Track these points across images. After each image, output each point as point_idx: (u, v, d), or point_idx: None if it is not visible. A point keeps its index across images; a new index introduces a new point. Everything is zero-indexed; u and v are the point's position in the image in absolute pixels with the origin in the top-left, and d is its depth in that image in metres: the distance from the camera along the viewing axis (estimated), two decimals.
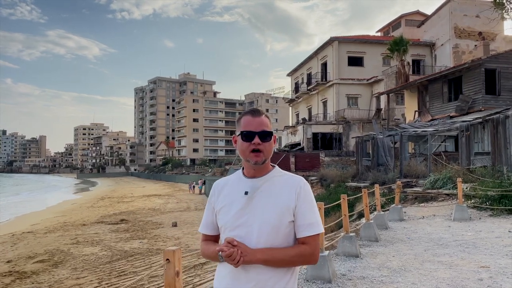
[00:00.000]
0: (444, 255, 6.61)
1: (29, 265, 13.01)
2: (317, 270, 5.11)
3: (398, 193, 11.21)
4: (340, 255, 6.55)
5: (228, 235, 1.68)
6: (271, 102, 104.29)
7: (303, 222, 1.65)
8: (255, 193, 1.68)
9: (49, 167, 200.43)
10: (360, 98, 35.82)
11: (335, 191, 19.33)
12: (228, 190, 1.76)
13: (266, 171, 1.74)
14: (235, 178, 1.79)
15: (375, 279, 5.33)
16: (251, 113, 1.75)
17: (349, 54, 36.00)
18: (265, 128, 1.70)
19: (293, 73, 47.06)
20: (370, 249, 7.19)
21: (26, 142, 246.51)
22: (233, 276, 1.63)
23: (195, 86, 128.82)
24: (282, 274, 1.63)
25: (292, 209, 1.65)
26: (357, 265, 6.07)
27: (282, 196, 1.66)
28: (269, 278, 1.61)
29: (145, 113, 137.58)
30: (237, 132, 1.75)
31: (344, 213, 6.58)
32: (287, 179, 1.73)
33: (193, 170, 79.59)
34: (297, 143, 34.48)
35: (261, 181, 1.70)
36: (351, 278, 5.37)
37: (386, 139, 20.69)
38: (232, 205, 1.70)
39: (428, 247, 7.34)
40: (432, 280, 5.25)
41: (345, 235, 6.57)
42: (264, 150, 1.68)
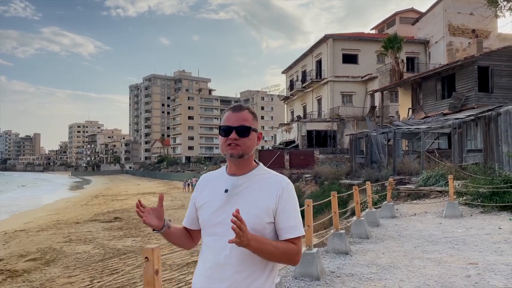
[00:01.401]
0: (433, 252, 6.63)
1: (21, 264, 12.93)
2: (305, 268, 5.11)
3: (390, 190, 11.24)
4: (330, 252, 6.55)
5: (207, 232, 1.66)
6: (267, 100, 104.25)
7: (286, 225, 1.61)
8: (234, 191, 1.64)
9: (43, 165, 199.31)
10: (355, 95, 35.88)
11: (329, 188, 19.35)
12: (210, 187, 1.73)
13: (249, 168, 1.69)
14: (218, 175, 1.76)
15: (363, 276, 5.33)
16: (232, 109, 1.72)
17: (344, 51, 36.02)
18: (244, 123, 1.66)
19: (288, 70, 47.04)
20: (360, 246, 7.20)
21: (20, 140, 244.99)
22: (209, 274, 1.60)
23: (190, 83, 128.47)
24: (259, 273, 1.59)
25: (272, 211, 1.61)
26: (346, 262, 6.08)
27: (263, 197, 1.62)
28: (245, 277, 1.56)
29: (140, 111, 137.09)
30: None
31: (334, 211, 6.58)
32: (270, 179, 1.67)
33: (188, 167, 79.46)
34: (292, 141, 34.50)
35: (242, 180, 1.67)
36: (340, 275, 5.38)
37: (379, 136, 20.74)
38: (212, 203, 1.67)
39: (418, 244, 7.36)
40: (420, 277, 5.26)
41: (335, 232, 6.57)
42: (242, 144, 1.64)
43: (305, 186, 23.43)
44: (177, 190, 44.77)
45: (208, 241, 1.65)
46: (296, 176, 26.35)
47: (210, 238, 1.64)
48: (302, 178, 24.95)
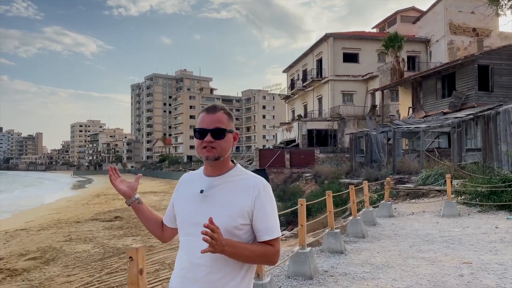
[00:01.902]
0: (428, 251, 6.64)
1: (21, 263, 12.99)
2: (298, 267, 5.13)
3: (387, 189, 11.24)
4: (325, 251, 6.57)
5: (183, 232, 1.67)
6: (268, 99, 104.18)
7: (263, 226, 1.60)
8: (209, 192, 1.64)
9: (45, 164, 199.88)
10: (355, 94, 35.84)
11: (329, 187, 19.34)
12: (188, 187, 1.73)
13: (225, 169, 1.68)
14: (197, 175, 1.75)
15: (356, 275, 5.35)
16: (206, 110, 1.69)
17: (344, 50, 35.98)
18: (219, 125, 1.64)
19: (288, 69, 47.03)
20: (356, 245, 7.21)
21: (22, 139, 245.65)
22: (182, 275, 1.60)
23: (191, 82, 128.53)
24: (233, 274, 1.57)
25: (248, 212, 1.59)
26: (340, 261, 6.10)
27: (238, 198, 1.60)
28: (218, 278, 1.55)
29: (141, 110, 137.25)
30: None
31: (329, 210, 6.60)
32: (246, 180, 1.65)
33: (190, 167, 79.52)
34: (292, 140, 34.50)
35: (218, 181, 1.65)
36: (333, 275, 5.39)
37: (379, 135, 20.74)
38: (188, 203, 1.67)
39: (414, 243, 7.37)
40: (413, 276, 5.28)
41: (329, 232, 6.59)
42: (217, 147, 1.62)
43: (305, 185, 23.44)
44: None
45: (184, 241, 1.64)
46: (297, 175, 26.38)
47: (185, 238, 1.63)
48: (303, 177, 24.96)
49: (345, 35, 36.88)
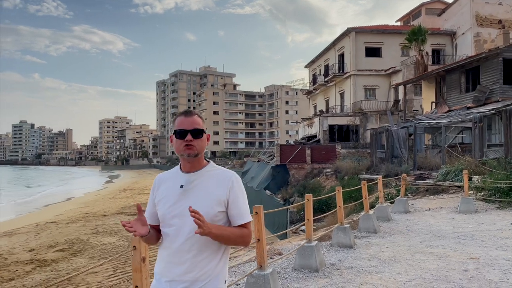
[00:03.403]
0: (438, 247, 6.71)
1: (50, 254, 13.69)
2: (305, 260, 5.33)
3: (403, 185, 11.24)
4: (334, 245, 6.74)
5: (166, 224, 1.87)
6: (291, 94, 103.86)
7: (237, 212, 1.87)
8: (189, 186, 1.86)
9: (75, 159, 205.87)
10: (378, 89, 35.41)
11: (348, 183, 19.35)
12: (167, 184, 1.93)
13: (201, 166, 1.92)
14: (173, 173, 1.96)
15: (362, 269, 5.51)
16: (184, 114, 1.92)
17: (367, 44, 35.55)
18: (197, 126, 1.88)
19: (310, 64, 46.83)
20: (366, 240, 7.34)
21: (53, 135, 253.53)
22: (168, 260, 1.84)
23: (215, 79, 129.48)
24: (213, 256, 1.83)
25: (224, 201, 1.85)
26: (349, 255, 6.26)
27: (215, 189, 1.84)
28: (201, 259, 1.80)
29: (166, 106, 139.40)
30: (172, 131, 1.94)
31: (339, 205, 6.75)
32: (220, 174, 1.91)
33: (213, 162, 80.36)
34: (314, 135, 34.46)
35: (195, 176, 1.89)
36: (339, 268, 5.57)
37: (401, 131, 20.52)
38: (169, 198, 1.88)
39: (425, 238, 7.44)
40: (418, 270, 5.39)
41: (339, 227, 6.75)
42: (196, 145, 1.86)
43: (326, 181, 23.47)
44: None
45: (168, 231, 1.87)
46: (317, 171, 26.41)
47: (169, 229, 1.86)
48: (323, 173, 24.98)
49: (368, 29, 36.42)
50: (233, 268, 5.73)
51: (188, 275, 1.80)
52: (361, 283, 4.90)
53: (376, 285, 4.81)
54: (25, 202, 34.90)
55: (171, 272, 1.83)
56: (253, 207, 4.00)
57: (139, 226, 1.81)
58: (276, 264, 5.73)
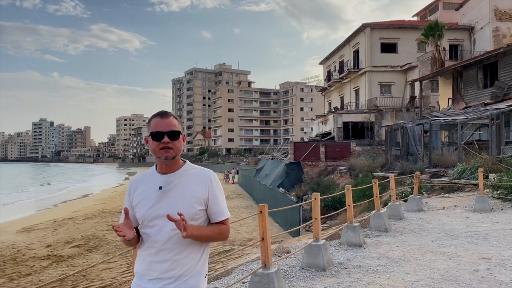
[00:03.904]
0: (449, 246, 6.61)
1: (66, 250, 13.99)
2: (312, 259, 5.32)
3: (417, 183, 11.10)
4: (343, 244, 6.70)
5: (146, 225, 1.89)
6: (306, 91, 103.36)
7: (216, 210, 1.93)
8: (168, 187, 1.88)
9: (93, 156, 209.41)
10: (394, 85, 34.95)
11: (362, 181, 19.20)
12: (144, 186, 1.94)
13: (177, 166, 1.94)
14: (149, 175, 1.97)
15: (370, 268, 5.47)
16: (160, 115, 1.93)
17: (382, 40, 35.09)
18: (173, 128, 1.90)
19: (325, 61, 46.50)
20: (376, 239, 7.28)
21: (72, 133, 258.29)
22: (150, 259, 1.87)
23: (230, 76, 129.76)
24: (195, 253, 1.88)
25: (203, 200, 1.89)
26: (358, 254, 6.21)
27: (194, 189, 1.88)
28: (183, 257, 1.85)
29: (182, 104, 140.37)
30: (147, 133, 1.94)
31: (348, 204, 6.70)
32: (198, 173, 1.94)
33: (228, 159, 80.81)
34: (328, 133, 34.24)
35: (173, 176, 1.91)
36: (347, 267, 5.54)
37: (416, 128, 20.24)
38: (148, 199, 1.89)
39: (437, 238, 7.33)
40: (427, 270, 5.33)
41: (348, 225, 6.71)
42: (174, 147, 1.88)
43: (340, 179, 23.32)
44: None
45: (149, 232, 1.89)
46: (331, 168, 26.26)
47: (151, 230, 1.89)
48: (337, 170, 24.83)
49: (383, 24, 35.93)
50: (241, 266, 5.77)
51: (172, 272, 1.84)
52: (368, 282, 4.87)
53: (384, 285, 4.77)
54: (45, 199, 35.71)
55: (155, 270, 1.86)
56: (258, 206, 4.01)
57: (127, 230, 1.83)
58: (284, 262, 5.73)
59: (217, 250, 13.05)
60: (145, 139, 1.99)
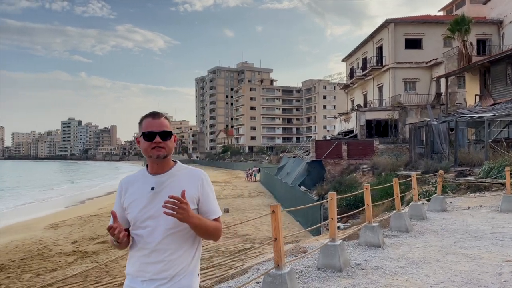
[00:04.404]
0: (472, 248, 6.42)
1: (91, 246, 14.34)
2: (328, 259, 5.26)
3: (440, 182, 10.83)
4: (362, 244, 6.60)
5: (138, 226, 1.88)
6: (329, 88, 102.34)
7: (209, 208, 1.93)
8: (160, 187, 1.88)
9: (119, 154, 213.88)
10: (419, 82, 34.18)
11: (385, 180, 18.87)
12: (135, 187, 1.94)
13: (169, 167, 1.94)
14: (140, 176, 1.97)
15: (388, 270, 5.36)
16: (151, 116, 1.93)
17: (406, 36, 34.35)
18: (165, 128, 1.91)
19: (348, 58, 45.92)
20: (396, 240, 7.14)
21: (99, 132, 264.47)
22: (143, 260, 1.86)
23: (252, 74, 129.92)
24: (187, 254, 1.89)
25: (196, 199, 1.90)
26: (376, 255, 6.10)
27: (186, 188, 1.84)
28: (177, 257, 1.86)
29: (205, 103, 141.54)
30: (139, 133, 1.94)
31: (367, 203, 6.59)
32: (189, 173, 1.95)
33: (251, 157, 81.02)
34: (351, 130, 33.83)
35: (165, 177, 1.91)
36: (365, 268, 5.45)
37: (441, 125, 19.72)
38: (140, 201, 1.89)
39: (460, 239, 7.13)
40: (448, 272, 5.18)
41: (367, 225, 6.60)
42: (165, 147, 1.89)
43: (362, 177, 23.00)
44: (239, 180, 45.96)
45: (141, 233, 1.88)
46: (354, 167, 25.93)
47: (143, 231, 1.88)
48: (360, 169, 24.50)
49: (408, 20, 35.17)
50: (257, 265, 5.76)
51: (165, 273, 1.85)
52: (386, 284, 4.78)
53: (401, 287, 4.67)
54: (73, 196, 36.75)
55: (148, 271, 1.86)
56: (270, 205, 3.99)
57: (123, 232, 1.83)
58: (300, 262, 5.69)
59: (237, 248, 13.10)
60: (136, 139, 1.98)
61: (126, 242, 1.92)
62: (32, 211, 26.08)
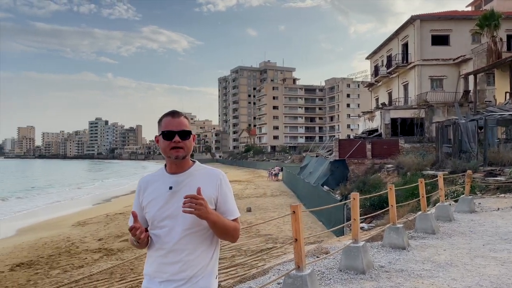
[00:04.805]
0: (502, 251, 6.19)
1: (116, 243, 14.59)
2: (351, 261, 5.17)
3: (468, 183, 10.50)
4: (386, 246, 6.46)
5: (156, 226, 1.87)
6: (353, 87, 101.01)
7: (227, 208, 1.91)
8: (178, 187, 1.87)
9: (144, 154, 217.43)
10: (446, 79, 33.28)
11: (411, 180, 18.46)
12: (153, 186, 1.93)
13: (187, 166, 1.93)
14: (159, 175, 1.97)
15: (413, 273, 5.22)
16: (171, 115, 1.92)
17: (433, 32, 33.49)
18: (185, 127, 1.90)
19: (372, 56, 45.18)
20: (422, 242, 6.95)
21: (125, 131, 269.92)
22: (161, 261, 1.85)
23: (275, 73, 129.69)
24: (205, 253, 1.88)
25: (214, 199, 1.88)
26: (401, 257, 5.96)
27: (205, 188, 1.83)
28: (195, 257, 1.85)
29: (228, 102, 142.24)
30: (158, 132, 1.92)
31: (391, 204, 6.44)
32: (207, 173, 1.94)
33: (273, 157, 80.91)
34: (375, 129, 33.26)
35: (183, 176, 1.90)
36: (389, 270, 5.32)
37: (470, 124, 19.15)
38: (158, 200, 1.88)
39: (489, 241, 6.89)
40: (476, 276, 5.01)
41: (391, 226, 6.45)
42: (184, 147, 1.88)
43: (387, 177, 22.58)
44: (261, 179, 45.95)
45: (159, 233, 1.87)
46: (378, 167, 25.49)
47: (161, 230, 1.87)
48: (384, 169, 24.06)
49: (434, 16, 34.30)
50: (278, 266, 5.72)
51: (183, 274, 1.83)
52: None
53: None
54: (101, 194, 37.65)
55: (165, 272, 1.85)
56: (291, 206, 3.94)
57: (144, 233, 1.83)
58: (322, 263, 5.62)
59: (259, 248, 13.08)
60: (156, 138, 1.97)
61: (146, 241, 1.91)
62: (60, 209, 26.84)
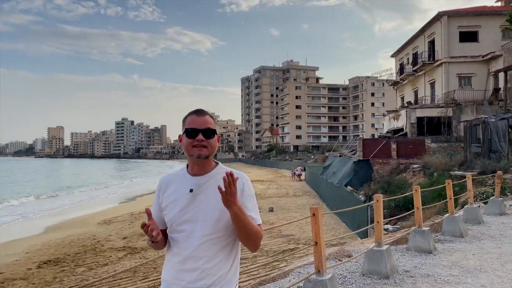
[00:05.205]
0: None
1: (140, 242, 14.77)
2: (374, 265, 5.02)
3: (498, 184, 10.11)
4: (411, 250, 6.26)
5: (175, 230, 1.82)
6: (377, 85, 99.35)
7: (249, 214, 1.78)
8: (199, 190, 1.81)
9: (169, 153, 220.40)
10: (474, 77, 32.25)
11: (437, 180, 17.96)
12: (174, 187, 1.86)
13: (210, 168, 1.86)
14: (180, 176, 1.90)
15: (440, 278, 5.03)
16: (196, 113, 1.86)
17: (461, 29, 32.52)
18: (209, 126, 1.83)
19: (397, 53, 44.29)
20: (449, 245, 6.71)
21: (150, 131, 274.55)
22: (178, 267, 1.79)
23: (298, 73, 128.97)
24: (225, 261, 1.80)
25: None
26: (427, 261, 5.76)
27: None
28: (213, 265, 1.77)
29: (251, 102, 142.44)
30: (182, 130, 1.86)
31: (417, 206, 6.24)
32: None
33: (296, 156, 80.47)
34: (400, 129, 32.58)
35: (205, 179, 1.83)
36: (414, 275, 5.15)
37: (500, 122, 18.48)
38: (178, 202, 1.82)
39: None
40: (507, 283, 4.78)
41: (416, 229, 6.25)
42: (208, 146, 1.81)
43: (412, 177, 22.07)
44: (284, 179, 45.73)
45: (177, 237, 1.82)
46: (404, 167, 24.95)
47: (179, 235, 1.81)
48: (410, 169, 23.53)
49: (462, 12, 33.31)
50: (299, 268, 5.62)
51: (201, 282, 1.76)
52: None
53: None
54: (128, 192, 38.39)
55: (182, 279, 1.78)
56: (310, 208, 3.84)
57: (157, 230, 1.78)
58: (344, 267, 5.48)
59: (281, 248, 12.99)
60: (179, 137, 1.91)
61: (162, 243, 1.87)
62: (87, 207, 27.47)
